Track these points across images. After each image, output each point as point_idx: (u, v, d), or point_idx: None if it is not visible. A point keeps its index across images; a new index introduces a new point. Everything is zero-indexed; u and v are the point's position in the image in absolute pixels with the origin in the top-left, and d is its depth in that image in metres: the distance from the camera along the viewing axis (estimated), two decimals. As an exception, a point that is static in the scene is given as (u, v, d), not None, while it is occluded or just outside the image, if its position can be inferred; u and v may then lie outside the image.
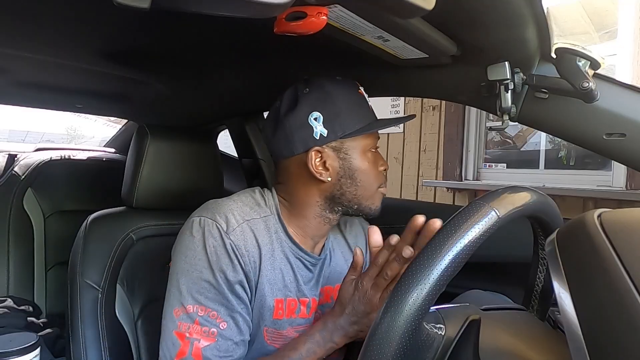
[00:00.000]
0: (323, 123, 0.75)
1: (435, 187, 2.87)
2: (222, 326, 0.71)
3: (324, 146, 0.76)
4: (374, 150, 0.81)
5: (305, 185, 0.79)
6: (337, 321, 0.73)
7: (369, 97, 0.83)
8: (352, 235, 0.95)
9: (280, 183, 0.83)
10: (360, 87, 0.81)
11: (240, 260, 0.73)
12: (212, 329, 0.71)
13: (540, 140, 2.58)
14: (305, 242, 0.82)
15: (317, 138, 0.76)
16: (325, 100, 0.76)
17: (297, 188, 0.80)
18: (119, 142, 1.90)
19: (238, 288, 0.73)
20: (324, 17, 0.52)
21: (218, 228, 0.73)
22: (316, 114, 0.75)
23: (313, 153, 0.76)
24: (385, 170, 0.83)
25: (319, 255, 0.85)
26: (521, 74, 0.74)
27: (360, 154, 0.78)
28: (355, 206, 0.80)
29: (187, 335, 0.70)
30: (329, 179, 0.77)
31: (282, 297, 0.78)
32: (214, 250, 0.72)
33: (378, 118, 0.83)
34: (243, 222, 0.76)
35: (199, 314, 0.71)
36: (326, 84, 0.77)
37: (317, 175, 0.77)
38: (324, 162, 0.77)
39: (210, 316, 0.71)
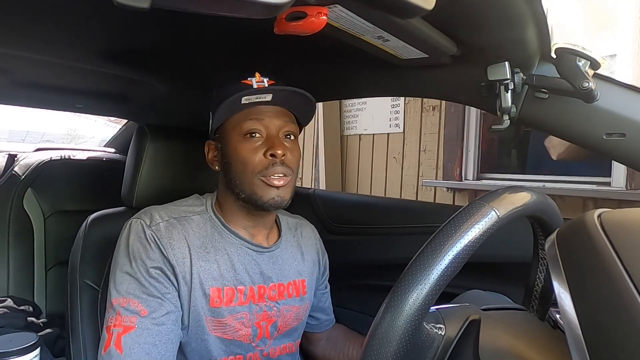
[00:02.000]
0: (212, 119, 0.83)
1: (435, 187, 2.87)
2: (142, 314, 0.73)
3: (214, 137, 0.85)
4: (255, 135, 0.79)
5: (220, 177, 0.87)
6: None
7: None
8: (305, 241, 0.98)
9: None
10: (251, 77, 0.79)
11: (162, 249, 0.76)
12: (132, 317, 0.72)
13: (540, 140, 2.58)
14: (245, 233, 0.86)
15: (210, 132, 0.85)
16: (214, 97, 0.84)
17: (219, 182, 0.88)
18: (119, 142, 1.90)
19: (158, 274, 0.75)
20: (324, 17, 0.52)
21: (141, 224, 0.78)
22: (211, 113, 0.83)
23: (206, 145, 0.87)
24: (272, 155, 0.78)
25: (269, 246, 0.88)
26: (521, 74, 0.74)
27: (234, 140, 0.80)
28: (243, 195, 0.80)
29: (112, 327, 0.72)
30: (217, 168, 0.86)
31: (219, 287, 0.80)
32: (134, 242, 0.77)
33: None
34: (169, 218, 0.80)
35: (121, 305, 0.73)
36: (223, 82, 0.84)
37: (210, 166, 0.86)
38: (214, 153, 0.86)
39: (130, 305, 0.73)
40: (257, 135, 0.80)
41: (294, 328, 0.92)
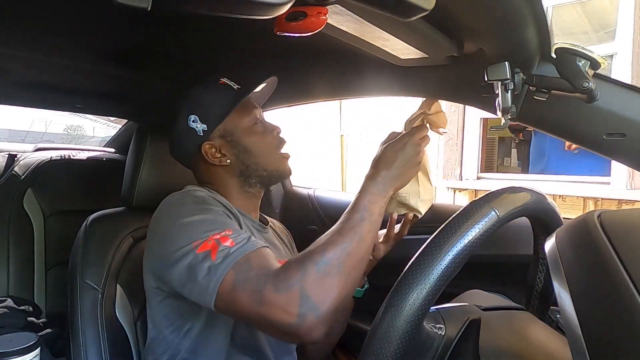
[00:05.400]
0: (200, 121, 0.86)
1: (435, 187, 2.87)
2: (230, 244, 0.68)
3: (211, 138, 0.86)
4: (258, 122, 0.89)
5: (217, 174, 0.88)
6: (376, 180, 0.72)
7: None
8: (280, 231, 1.04)
9: (202, 183, 0.91)
10: (222, 78, 0.89)
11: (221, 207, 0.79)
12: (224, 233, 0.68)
13: (540, 140, 2.57)
14: (251, 215, 0.90)
15: (202, 135, 0.86)
16: (194, 103, 0.87)
17: (214, 179, 0.89)
18: (119, 142, 1.89)
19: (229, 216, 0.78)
20: (324, 17, 0.52)
21: (192, 192, 0.80)
22: (192, 117, 0.86)
23: (206, 147, 0.86)
24: (278, 133, 0.91)
25: (265, 227, 0.93)
26: (521, 74, 0.73)
27: (244, 130, 0.87)
28: (264, 173, 0.88)
29: (209, 243, 0.66)
30: (229, 161, 0.87)
31: None
32: (198, 198, 0.77)
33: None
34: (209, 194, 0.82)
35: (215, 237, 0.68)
36: (191, 91, 0.88)
37: (218, 163, 0.86)
38: (220, 150, 0.86)
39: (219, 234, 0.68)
40: (260, 122, 0.89)
41: None
